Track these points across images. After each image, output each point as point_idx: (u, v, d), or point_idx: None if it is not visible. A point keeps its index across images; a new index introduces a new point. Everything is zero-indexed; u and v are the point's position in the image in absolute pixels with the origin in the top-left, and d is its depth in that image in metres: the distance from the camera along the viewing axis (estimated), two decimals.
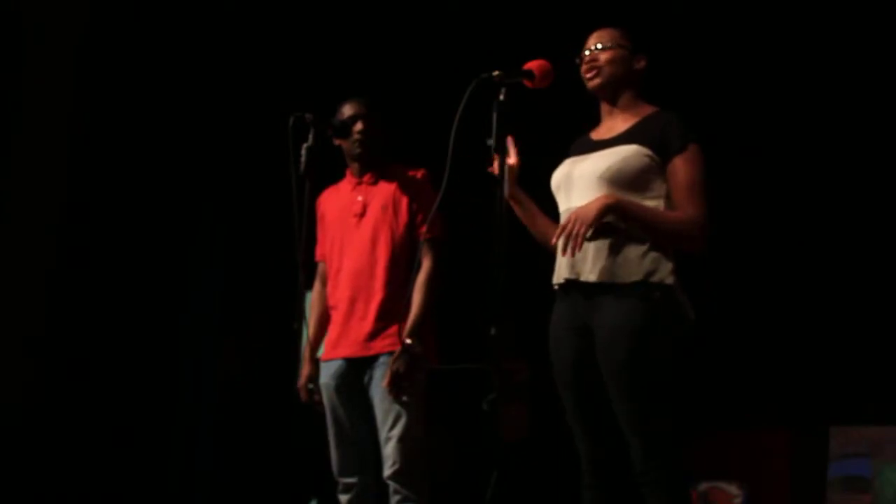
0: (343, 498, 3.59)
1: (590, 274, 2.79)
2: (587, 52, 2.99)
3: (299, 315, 3.21)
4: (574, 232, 2.74)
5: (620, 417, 2.74)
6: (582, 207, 2.78)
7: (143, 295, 5.59)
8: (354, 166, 3.73)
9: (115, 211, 5.52)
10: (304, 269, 3.23)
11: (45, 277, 5.25)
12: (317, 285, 3.83)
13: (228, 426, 5.85)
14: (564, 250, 2.78)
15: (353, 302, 3.60)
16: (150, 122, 5.65)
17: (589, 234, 2.75)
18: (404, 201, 3.62)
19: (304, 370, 3.70)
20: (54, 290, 5.27)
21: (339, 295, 3.64)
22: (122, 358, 5.45)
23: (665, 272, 2.77)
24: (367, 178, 3.70)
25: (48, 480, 5.14)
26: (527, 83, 2.77)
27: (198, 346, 5.85)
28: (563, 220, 2.87)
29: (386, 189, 3.66)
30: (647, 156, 2.82)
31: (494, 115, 2.68)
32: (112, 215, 5.51)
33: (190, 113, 5.78)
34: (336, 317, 3.65)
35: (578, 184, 2.87)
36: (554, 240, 2.82)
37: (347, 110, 3.69)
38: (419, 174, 3.67)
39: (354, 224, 3.65)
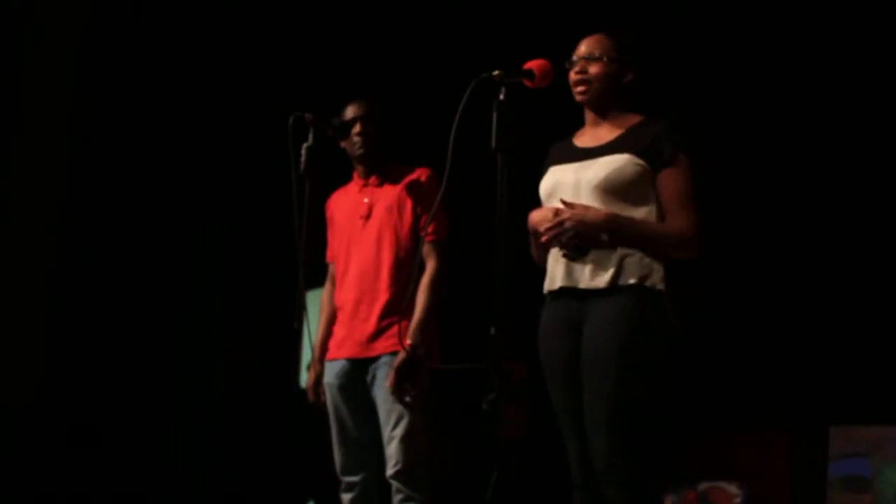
0: (345, 497, 3.59)
1: (590, 281, 2.82)
2: (577, 60, 2.99)
3: (299, 315, 3.21)
4: (567, 237, 2.79)
5: (592, 414, 2.75)
6: (583, 215, 2.80)
7: (143, 295, 5.59)
8: (360, 168, 3.74)
9: (114, 211, 5.52)
10: (304, 268, 3.23)
11: (45, 277, 5.25)
12: (327, 286, 3.85)
13: (228, 426, 5.85)
14: (549, 242, 2.83)
15: (357, 303, 3.61)
16: (149, 122, 5.65)
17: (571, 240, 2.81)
18: (409, 203, 3.63)
19: (313, 371, 3.72)
20: (54, 290, 5.27)
21: (345, 296, 3.66)
22: (122, 358, 5.45)
23: (657, 277, 2.81)
24: (372, 179, 3.71)
25: (48, 480, 5.14)
26: (527, 83, 2.77)
27: (198, 346, 5.85)
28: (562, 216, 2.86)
29: (391, 191, 3.66)
30: (639, 164, 2.84)
31: (494, 115, 2.68)
32: (112, 215, 5.51)
33: (190, 113, 5.78)
34: (341, 317, 3.67)
35: (572, 192, 2.88)
36: (544, 228, 2.83)
37: (349, 112, 3.69)
38: (424, 175, 3.66)
39: (360, 226, 3.66)
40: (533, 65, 2.78)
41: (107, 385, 5.39)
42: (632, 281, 2.78)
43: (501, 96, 2.70)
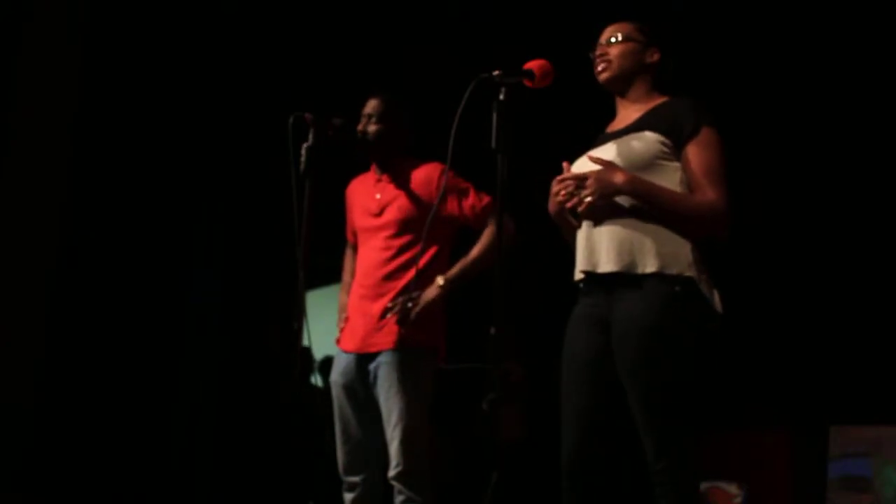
0: (347, 497, 3.58)
1: (606, 264, 2.75)
2: (598, 46, 2.98)
3: (299, 315, 3.21)
4: (586, 194, 2.73)
5: (635, 414, 2.70)
6: (604, 173, 2.74)
7: (144, 295, 5.59)
8: (375, 163, 3.75)
9: (115, 211, 5.53)
10: (304, 268, 3.23)
11: (45, 277, 5.25)
12: (348, 252, 3.88)
13: (228, 426, 5.86)
14: (566, 199, 2.77)
15: (362, 298, 3.62)
16: (150, 122, 5.65)
17: (595, 202, 2.74)
18: (419, 202, 3.60)
19: (341, 299, 3.78)
20: (54, 290, 5.27)
21: (354, 290, 3.67)
22: (122, 358, 5.45)
23: (683, 264, 2.72)
24: (385, 176, 3.71)
25: (47, 480, 5.14)
26: (527, 83, 2.77)
27: (198, 345, 5.85)
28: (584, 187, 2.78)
29: (402, 190, 3.65)
30: (660, 142, 2.79)
31: (494, 115, 2.68)
32: (112, 215, 5.52)
33: (190, 113, 5.78)
34: (350, 311, 3.68)
35: None
36: (562, 180, 2.78)
37: (365, 108, 3.71)
38: (435, 172, 3.62)
39: (371, 222, 3.67)
40: (533, 65, 2.77)
41: (107, 385, 5.39)
42: (652, 269, 2.70)
43: (501, 96, 2.69)
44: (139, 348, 5.53)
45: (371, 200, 3.70)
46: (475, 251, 3.59)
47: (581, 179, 2.75)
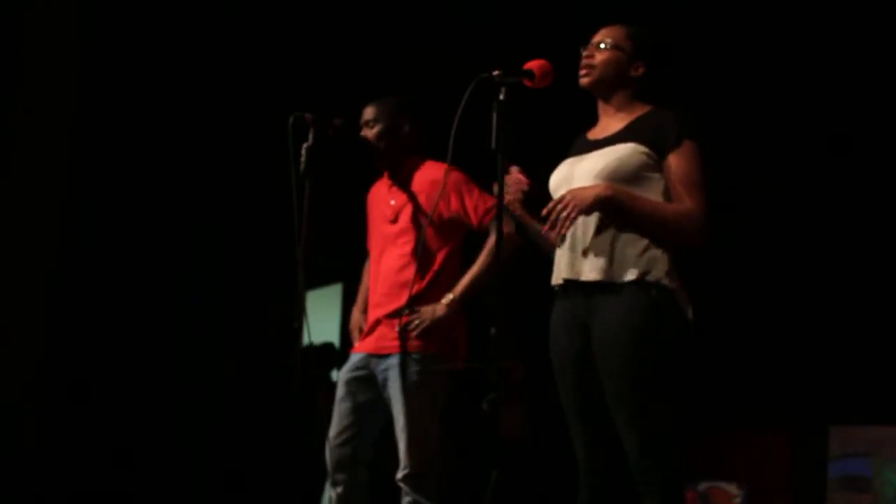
0: (333, 493, 3.58)
1: (589, 273, 2.79)
2: (589, 46, 2.99)
3: (299, 315, 3.21)
4: (566, 213, 2.75)
5: (617, 416, 2.74)
6: (579, 189, 2.78)
7: (143, 295, 5.59)
8: (387, 169, 3.73)
9: (115, 211, 5.53)
10: (304, 268, 3.23)
11: (45, 277, 5.25)
12: (367, 266, 3.89)
13: (228, 426, 5.86)
14: (552, 227, 2.78)
15: (378, 306, 3.61)
16: (150, 122, 5.65)
17: (578, 218, 2.76)
18: (430, 205, 3.57)
19: (354, 317, 3.79)
20: (54, 290, 5.27)
21: (373, 298, 3.66)
22: (122, 358, 5.45)
23: (661, 272, 2.77)
24: (397, 180, 3.69)
25: (47, 481, 5.14)
26: (527, 83, 2.77)
27: (198, 346, 5.85)
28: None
29: (415, 195, 3.63)
30: (644, 153, 2.82)
31: (494, 115, 2.68)
32: (112, 215, 5.52)
33: (190, 113, 5.79)
34: (368, 314, 3.69)
35: (577, 184, 2.87)
36: (544, 212, 2.80)
37: (362, 117, 3.69)
38: (445, 174, 3.57)
39: (389, 229, 3.66)
40: (533, 65, 2.78)
41: (107, 385, 5.39)
42: (632, 276, 2.75)
43: (501, 96, 2.70)
44: (139, 348, 5.53)
45: (387, 206, 3.69)
46: (480, 261, 3.57)
47: (559, 201, 2.77)
